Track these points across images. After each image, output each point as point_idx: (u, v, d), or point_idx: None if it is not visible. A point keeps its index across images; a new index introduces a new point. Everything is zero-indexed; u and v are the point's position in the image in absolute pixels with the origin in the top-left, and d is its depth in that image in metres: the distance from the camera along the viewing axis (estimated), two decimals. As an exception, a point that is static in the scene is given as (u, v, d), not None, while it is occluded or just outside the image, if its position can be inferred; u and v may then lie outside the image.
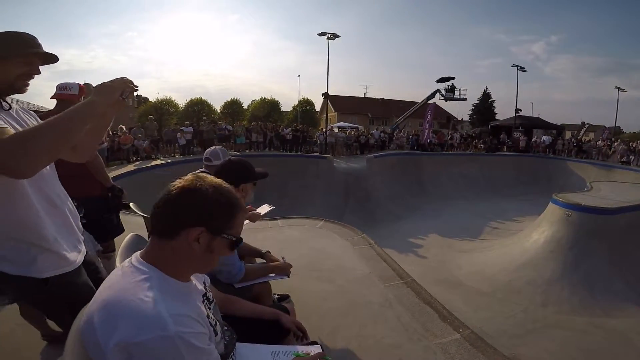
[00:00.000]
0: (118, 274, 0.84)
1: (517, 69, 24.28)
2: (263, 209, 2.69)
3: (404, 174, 16.69)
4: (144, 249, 0.89)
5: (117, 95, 1.10)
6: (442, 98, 24.30)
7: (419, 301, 2.86)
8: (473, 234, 11.49)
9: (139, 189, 7.30)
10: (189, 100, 35.54)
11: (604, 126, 31.40)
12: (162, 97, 35.51)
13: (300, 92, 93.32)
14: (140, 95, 41.60)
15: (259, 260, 2.18)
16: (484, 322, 5.72)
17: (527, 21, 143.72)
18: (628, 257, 7.60)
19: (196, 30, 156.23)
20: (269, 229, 4.79)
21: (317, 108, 40.09)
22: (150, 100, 38.14)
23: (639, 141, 18.60)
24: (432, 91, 23.70)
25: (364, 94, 43.96)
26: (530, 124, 25.16)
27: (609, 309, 6.50)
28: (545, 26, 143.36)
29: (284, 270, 1.98)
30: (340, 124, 25.70)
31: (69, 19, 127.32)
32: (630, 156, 17.01)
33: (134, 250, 0.92)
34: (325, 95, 19.65)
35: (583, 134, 26.07)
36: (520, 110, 25.43)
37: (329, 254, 3.91)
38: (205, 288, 1.04)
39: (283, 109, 38.92)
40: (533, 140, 21.24)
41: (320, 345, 1.26)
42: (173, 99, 35.86)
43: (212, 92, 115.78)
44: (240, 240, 0.90)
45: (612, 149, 18.64)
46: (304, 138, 16.42)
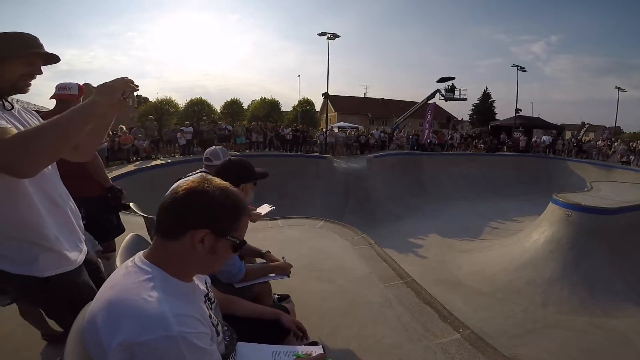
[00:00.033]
0: (121, 274, 0.84)
1: (517, 69, 24.33)
2: (263, 208, 2.69)
3: (404, 174, 16.69)
4: (148, 249, 0.89)
5: (119, 95, 1.10)
6: (442, 98, 24.30)
7: (419, 301, 2.86)
8: (473, 234, 11.49)
9: (139, 189, 7.33)
10: (189, 100, 35.64)
11: (604, 126, 31.42)
12: (162, 97, 35.60)
13: (300, 92, 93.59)
14: (140, 95, 41.61)
15: (259, 260, 2.19)
16: (484, 322, 5.72)
17: (527, 21, 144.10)
18: (628, 257, 7.60)
19: (196, 30, 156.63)
20: (269, 229, 4.79)
21: (317, 108, 40.09)
22: (150, 100, 38.16)
23: (639, 141, 18.61)
24: (432, 91, 23.71)
25: (364, 94, 44.06)
26: (530, 124, 25.18)
27: (609, 309, 6.50)
28: (545, 26, 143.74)
29: (284, 270, 1.98)
30: (341, 124, 25.69)
31: (69, 19, 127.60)
32: (630, 156, 17.00)
33: (134, 250, 0.92)
34: (325, 95, 19.65)
35: (583, 134, 26.05)
36: (521, 110, 25.47)
37: (329, 254, 3.91)
38: (207, 288, 1.04)
39: (283, 109, 38.98)
40: (533, 140, 21.24)
41: (322, 346, 1.25)
42: (173, 99, 35.96)
43: (212, 92, 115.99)
44: (244, 242, 0.91)
45: (612, 149, 18.63)
46: (304, 138, 16.42)
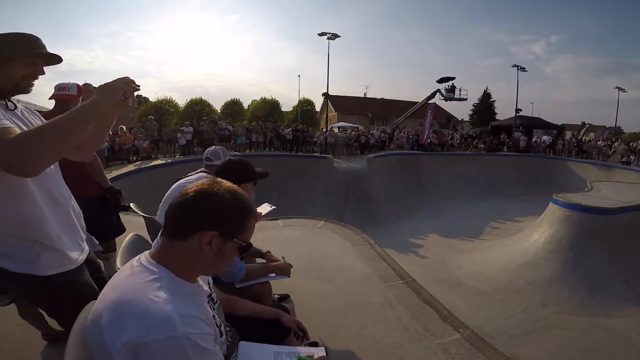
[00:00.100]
0: (127, 274, 0.84)
1: (518, 69, 24.34)
2: (263, 208, 2.68)
3: (404, 174, 16.69)
4: (154, 249, 0.89)
5: (120, 95, 1.11)
6: (442, 98, 24.32)
7: (419, 301, 2.86)
8: (473, 234, 11.49)
9: (139, 189, 7.34)
10: (189, 100, 35.62)
11: (604, 126, 31.43)
12: (162, 97, 35.59)
13: (301, 92, 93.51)
14: (140, 95, 41.61)
15: (259, 260, 2.18)
16: (484, 322, 5.72)
17: (527, 21, 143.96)
18: (628, 257, 7.60)
19: (196, 30, 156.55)
20: (269, 229, 4.79)
21: (317, 108, 40.07)
22: (150, 100, 38.18)
23: (639, 141, 18.60)
24: (432, 91, 23.72)
25: (364, 94, 43.99)
26: (530, 124, 25.18)
27: (609, 309, 6.50)
28: (545, 26, 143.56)
29: (284, 270, 1.98)
30: (341, 124, 25.69)
31: (69, 19, 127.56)
32: (630, 156, 16.99)
33: (135, 250, 0.93)
34: (326, 95, 19.66)
35: (583, 134, 26.02)
36: (521, 110, 25.48)
37: (329, 254, 3.90)
38: (209, 289, 1.04)
39: (283, 109, 38.95)
40: (533, 140, 21.23)
41: (324, 348, 1.24)
42: (173, 99, 35.95)
43: (212, 92, 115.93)
44: (250, 245, 0.91)
45: (613, 149, 18.62)
46: (304, 138, 16.41)
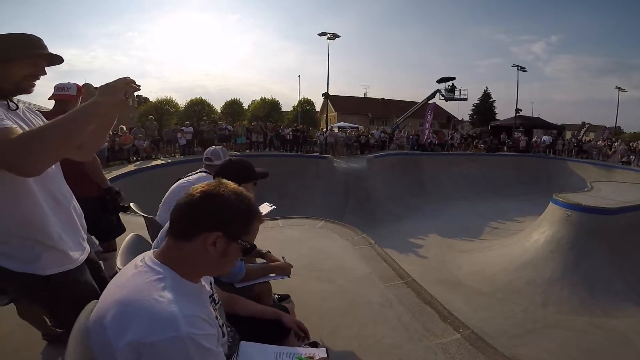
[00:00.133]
0: (131, 273, 0.84)
1: (518, 69, 24.39)
2: (263, 208, 2.68)
3: (404, 174, 16.69)
4: (159, 249, 0.89)
5: (121, 95, 1.11)
6: (443, 98, 24.34)
7: (419, 301, 2.86)
8: (473, 234, 11.49)
9: (139, 189, 7.33)
10: (189, 100, 35.63)
11: (605, 126, 31.43)
12: (162, 97, 35.60)
13: (301, 92, 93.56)
14: (141, 95, 41.60)
15: (259, 260, 2.18)
16: (484, 322, 5.72)
17: (527, 21, 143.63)
18: (628, 257, 7.60)
19: (196, 30, 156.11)
20: (269, 229, 4.78)
21: (317, 108, 40.07)
22: (150, 100, 38.18)
23: (639, 141, 18.60)
24: (433, 91, 23.74)
25: (364, 94, 43.98)
26: (530, 124, 25.19)
27: (609, 309, 6.50)
28: (545, 26, 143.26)
29: (284, 270, 1.98)
30: (341, 124, 25.68)
31: (69, 19, 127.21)
32: (630, 156, 16.99)
33: (135, 250, 0.92)
34: (326, 95, 19.70)
35: (583, 134, 25.99)
36: (521, 110, 25.51)
37: (329, 254, 3.91)
38: (211, 289, 1.04)
39: (283, 109, 38.96)
40: (533, 140, 21.23)
41: (325, 349, 1.24)
42: (173, 99, 35.95)
43: (212, 92, 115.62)
44: (254, 247, 0.91)
45: (613, 149, 18.61)
46: (304, 138, 16.41)
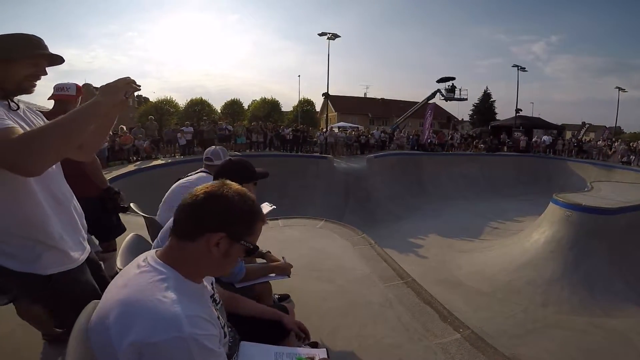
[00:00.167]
0: (134, 273, 0.84)
1: (518, 69, 24.42)
2: (264, 208, 2.68)
3: (404, 174, 16.68)
4: (162, 249, 0.89)
5: (121, 95, 1.11)
6: (443, 98, 24.35)
7: (419, 301, 2.86)
8: (473, 234, 11.49)
9: (139, 189, 7.33)
10: (189, 100, 35.62)
11: (605, 126, 31.44)
12: (162, 97, 35.60)
13: (301, 92, 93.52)
14: (141, 95, 41.59)
15: (259, 260, 2.18)
16: (484, 322, 5.72)
17: (527, 21, 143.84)
18: (628, 257, 7.60)
19: (196, 30, 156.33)
20: (269, 229, 4.78)
21: (318, 108, 40.06)
22: (150, 100, 38.18)
23: (639, 141, 18.59)
24: (433, 91, 23.77)
25: (364, 94, 43.99)
26: (530, 124, 25.20)
27: (609, 309, 6.50)
28: (545, 26, 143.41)
29: (284, 270, 1.98)
30: (341, 124, 25.67)
31: (69, 19, 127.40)
32: (630, 156, 16.98)
33: (135, 250, 0.92)
34: (326, 95, 19.71)
35: (583, 134, 25.98)
36: (521, 110, 25.53)
37: (329, 254, 3.91)
38: (212, 289, 1.04)
39: (283, 109, 38.94)
40: (533, 140, 21.23)
41: (326, 349, 1.24)
42: (173, 99, 35.95)
43: (212, 92, 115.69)
44: (256, 248, 0.91)
45: (613, 149, 18.61)
46: (304, 138, 16.41)
